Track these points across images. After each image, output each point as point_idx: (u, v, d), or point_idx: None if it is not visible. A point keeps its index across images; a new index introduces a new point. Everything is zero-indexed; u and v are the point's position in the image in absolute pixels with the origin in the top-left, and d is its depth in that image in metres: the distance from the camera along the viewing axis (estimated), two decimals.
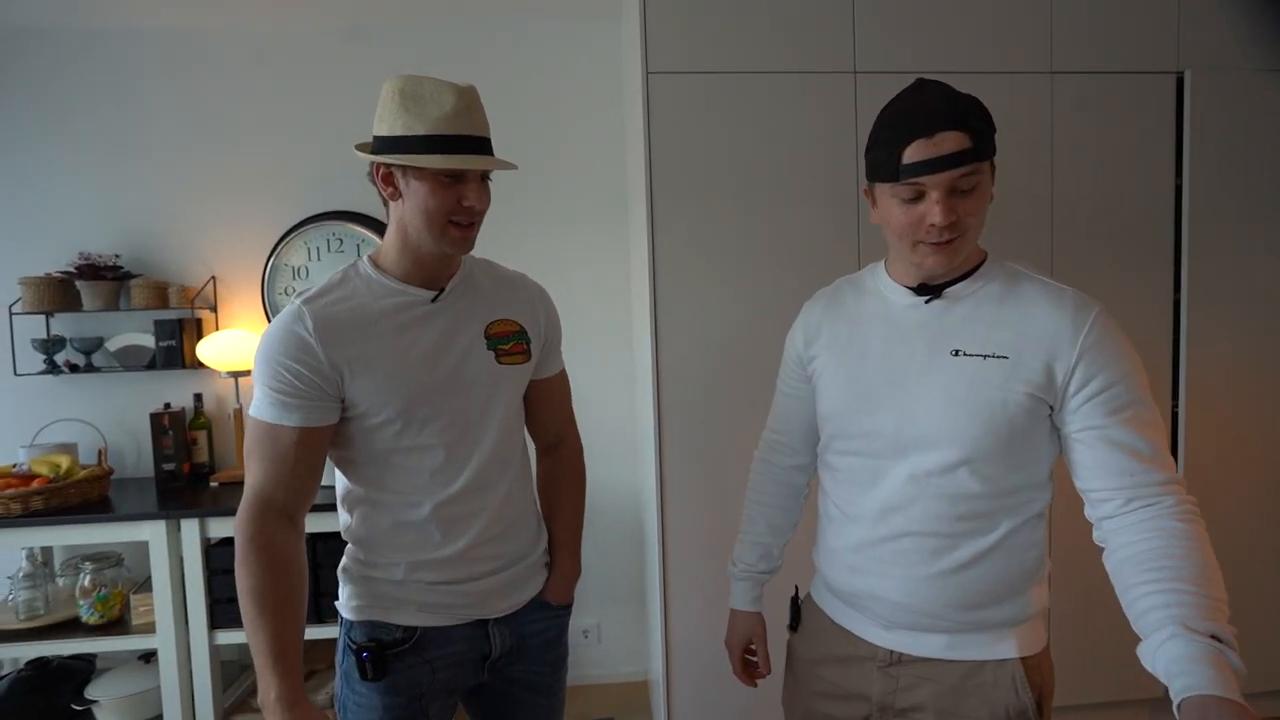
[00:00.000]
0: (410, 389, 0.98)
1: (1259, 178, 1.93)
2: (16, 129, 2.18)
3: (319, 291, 1.00)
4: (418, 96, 0.94)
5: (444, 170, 0.94)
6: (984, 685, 0.90)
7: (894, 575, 0.92)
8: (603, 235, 2.35)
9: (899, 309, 0.95)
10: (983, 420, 0.87)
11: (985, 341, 0.88)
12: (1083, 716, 1.97)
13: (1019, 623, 0.91)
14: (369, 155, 0.97)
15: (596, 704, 2.30)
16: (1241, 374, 1.95)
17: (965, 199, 0.85)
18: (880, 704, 0.96)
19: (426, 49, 2.24)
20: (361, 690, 1.01)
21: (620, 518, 2.39)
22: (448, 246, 0.99)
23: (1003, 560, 0.90)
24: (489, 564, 1.05)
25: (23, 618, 1.93)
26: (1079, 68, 1.85)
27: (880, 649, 0.96)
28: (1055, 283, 0.91)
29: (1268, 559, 2.00)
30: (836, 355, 1.00)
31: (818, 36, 1.80)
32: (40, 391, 2.22)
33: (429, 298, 1.02)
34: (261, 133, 2.25)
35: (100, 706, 1.95)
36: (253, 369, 0.98)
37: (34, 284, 2.09)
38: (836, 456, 1.01)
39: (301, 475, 0.97)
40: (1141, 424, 0.84)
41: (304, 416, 0.94)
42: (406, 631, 1.01)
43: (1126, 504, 0.82)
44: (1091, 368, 0.84)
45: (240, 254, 2.27)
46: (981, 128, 0.84)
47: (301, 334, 0.94)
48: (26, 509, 1.84)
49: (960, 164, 0.82)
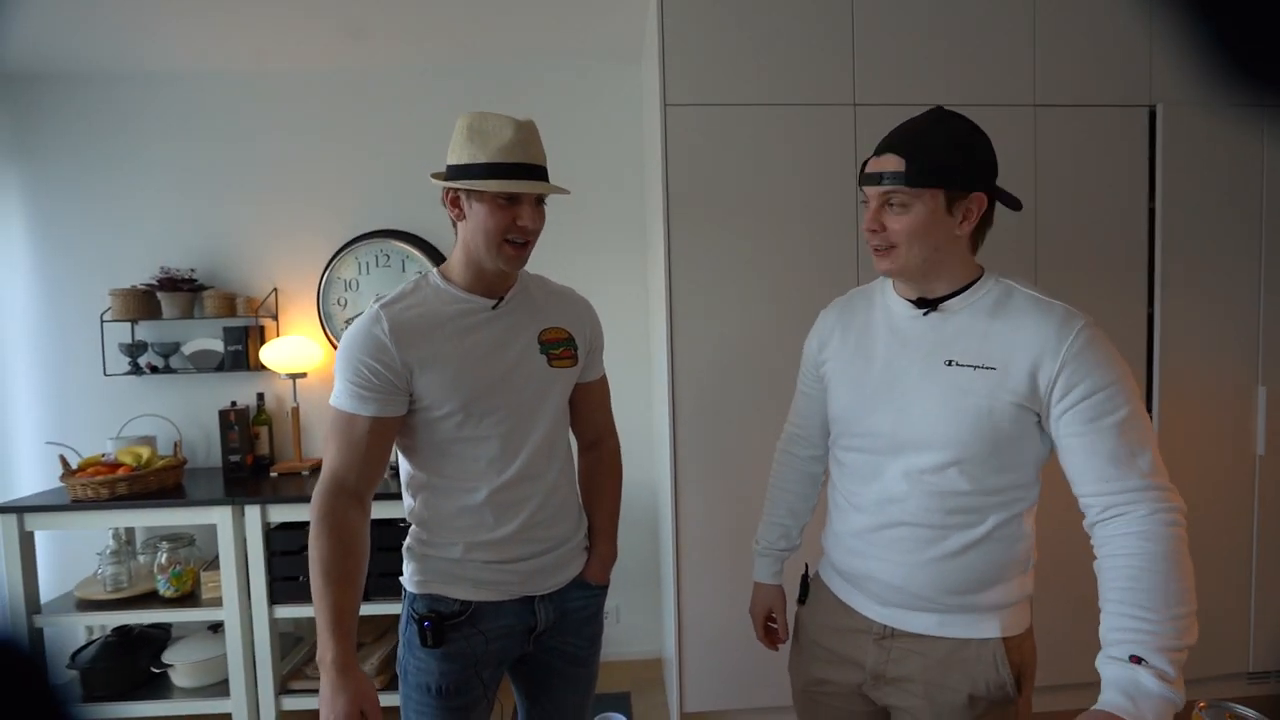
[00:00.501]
0: (471, 385, 1.05)
1: (1224, 203, 1.99)
2: (108, 159, 2.37)
3: (395, 298, 1.08)
4: (483, 130, 1.02)
5: (500, 194, 1.01)
6: (967, 660, 0.94)
7: (889, 560, 0.97)
8: (623, 258, 2.47)
9: (901, 320, 1.00)
10: (970, 426, 0.90)
11: (977, 353, 0.92)
12: None
13: (1003, 607, 0.95)
14: (440, 181, 1.06)
15: (615, 679, 2.40)
16: (1209, 382, 2.03)
17: (896, 216, 0.90)
18: (874, 672, 1.01)
19: (467, 87, 2.39)
20: (422, 656, 1.07)
21: (638, 510, 2.49)
22: (503, 263, 1.05)
23: (989, 551, 0.93)
24: (537, 545, 1.11)
25: (109, 590, 2.07)
26: (1060, 101, 1.93)
27: (876, 623, 1.01)
28: (1046, 297, 0.92)
29: (1234, 555, 2.07)
30: (845, 360, 1.06)
31: (821, 72, 1.89)
32: (125, 390, 2.39)
33: (489, 305, 1.09)
34: (317, 161, 2.40)
35: (175, 670, 2.08)
36: (335, 364, 1.06)
37: (121, 295, 2.25)
38: (842, 452, 1.06)
39: (372, 460, 1.04)
40: (1123, 430, 0.83)
41: (378, 408, 1.02)
42: (463, 605, 1.07)
43: (1103, 512, 0.84)
44: (1074, 377, 0.86)
45: (298, 268, 2.42)
46: (925, 160, 0.88)
47: (379, 335, 1.02)
48: (113, 494, 1.98)
49: (883, 183, 0.90)
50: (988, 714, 0.94)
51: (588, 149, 2.46)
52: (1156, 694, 0.71)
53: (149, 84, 2.37)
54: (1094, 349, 0.87)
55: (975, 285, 0.96)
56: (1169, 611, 0.76)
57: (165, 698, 2.08)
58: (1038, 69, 1.94)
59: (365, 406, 1.02)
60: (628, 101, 2.46)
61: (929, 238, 0.91)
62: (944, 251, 0.93)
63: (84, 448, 2.26)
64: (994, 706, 0.94)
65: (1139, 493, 0.82)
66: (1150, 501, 0.82)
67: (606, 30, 2.20)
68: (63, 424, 2.40)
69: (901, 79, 1.92)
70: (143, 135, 2.38)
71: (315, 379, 2.42)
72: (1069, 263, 1.98)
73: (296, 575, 2.04)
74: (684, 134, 1.89)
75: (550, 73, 2.43)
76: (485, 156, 1.01)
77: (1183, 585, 0.77)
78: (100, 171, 2.38)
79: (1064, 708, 1.95)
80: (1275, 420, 2.04)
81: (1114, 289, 2.00)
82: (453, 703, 1.08)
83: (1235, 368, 2.04)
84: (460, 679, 1.07)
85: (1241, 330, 2.04)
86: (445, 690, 1.07)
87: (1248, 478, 2.06)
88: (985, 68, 1.93)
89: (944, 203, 0.90)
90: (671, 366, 1.93)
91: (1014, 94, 1.94)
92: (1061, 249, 1.98)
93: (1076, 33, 1.94)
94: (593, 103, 2.45)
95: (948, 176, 0.89)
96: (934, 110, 0.95)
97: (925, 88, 1.91)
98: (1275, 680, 2.14)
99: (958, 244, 0.94)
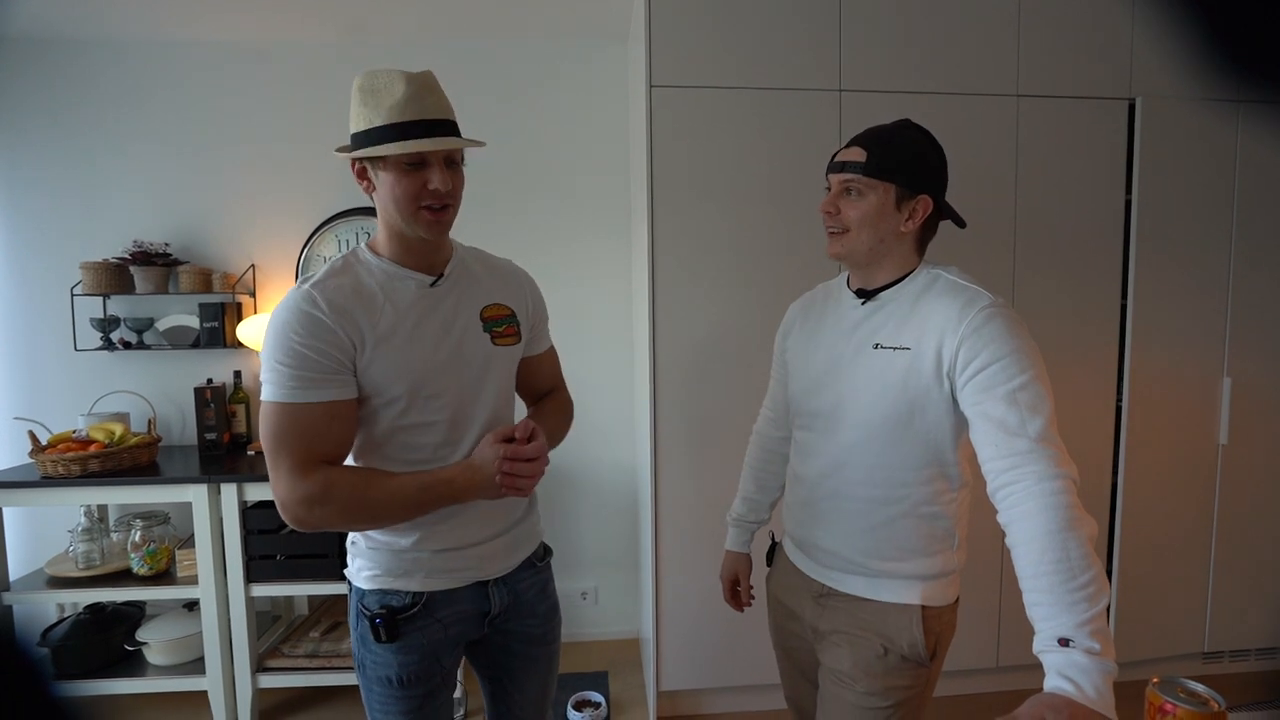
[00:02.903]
0: (419, 367, 0.99)
1: (1200, 196, 2.03)
2: (79, 127, 2.30)
3: (324, 276, 0.98)
4: (374, 89, 0.92)
5: (403, 157, 0.92)
6: (888, 621, 1.03)
7: (825, 528, 1.08)
8: (606, 241, 2.46)
9: (845, 309, 1.10)
10: (889, 404, 0.98)
11: (896, 336, 1.00)
12: None
13: (925, 578, 1.02)
14: (343, 153, 0.96)
15: (593, 658, 2.44)
16: (1177, 372, 2.08)
17: (852, 203, 1.01)
18: (811, 626, 1.12)
19: (450, 62, 2.34)
20: (377, 650, 1.03)
21: (617, 492, 2.52)
22: (422, 231, 0.97)
23: (911, 525, 1.01)
24: (489, 529, 1.08)
25: (81, 567, 2.03)
26: (1042, 92, 1.95)
27: (816, 583, 1.11)
28: (971, 285, 0.98)
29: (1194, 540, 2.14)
30: (800, 347, 1.16)
31: (807, 57, 1.89)
32: (97, 366, 2.34)
33: (428, 282, 1.02)
34: (297, 135, 2.36)
35: (149, 648, 2.07)
36: (265, 355, 0.93)
37: (93, 268, 2.20)
38: (795, 430, 1.17)
39: (337, 445, 0.96)
40: (1015, 398, 0.87)
41: (336, 391, 0.93)
42: (415, 597, 1.03)
43: (996, 478, 0.87)
44: (971, 351, 0.91)
45: (277, 245, 2.39)
46: (884, 155, 0.98)
47: (318, 315, 0.92)
48: (85, 470, 1.95)
49: (845, 170, 1.00)
50: (900, 667, 1.03)
51: (572, 128, 2.44)
52: (1090, 668, 0.75)
53: (123, 51, 2.31)
54: (993, 324, 0.91)
55: (909, 276, 1.04)
56: (1075, 583, 0.78)
57: (140, 675, 2.07)
58: (1021, 59, 1.96)
59: (318, 393, 0.92)
60: (614, 80, 2.44)
61: (877, 228, 1.01)
62: (888, 244, 1.03)
63: (54, 424, 2.23)
64: (906, 662, 1.03)
65: (1025, 456, 0.85)
66: (1037, 464, 0.84)
67: (593, 6, 2.17)
68: (31, 400, 2.35)
69: (887, 66, 1.92)
70: (116, 104, 2.32)
71: None
72: (1046, 252, 2.01)
73: (274, 554, 2.04)
74: (669, 116, 1.88)
75: (535, 49, 2.40)
76: (381, 118, 0.92)
77: (1082, 550, 0.80)
78: (71, 140, 2.31)
79: (1035, 686, 2.01)
80: (1238, 411, 2.10)
81: (1089, 280, 2.04)
82: (416, 691, 1.06)
83: (1202, 359, 2.09)
84: (420, 668, 1.04)
85: (1209, 322, 2.09)
86: (406, 680, 1.04)
87: (1210, 466, 2.13)
88: (969, 57, 1.94)
89: (894, 198, 1.00)
90: (653, 349, 1.94)
91: (997, 84, 1.96)
92: (1039, 238, 2.01)
93: (1060, 24, 1.96)
94: (578, 81, 2.43)
95: (900, 175, 0.99)
96: (903, 120, 1.05)
97: (910, 75, 1.93)
98: (1228, 659, 2.23)
99: (902, 240, 1.03)
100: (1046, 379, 0.91)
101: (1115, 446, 2.08)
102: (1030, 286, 2.02)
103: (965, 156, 1.89)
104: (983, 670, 2.12)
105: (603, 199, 2.46)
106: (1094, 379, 2.07)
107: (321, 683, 2.08)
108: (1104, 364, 2.07)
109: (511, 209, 2.44)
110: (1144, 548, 2.11)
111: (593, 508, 2.53)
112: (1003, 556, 2.00)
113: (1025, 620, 0.82)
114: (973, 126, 1.96)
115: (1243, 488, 2.14)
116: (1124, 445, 2.06)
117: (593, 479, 2.52)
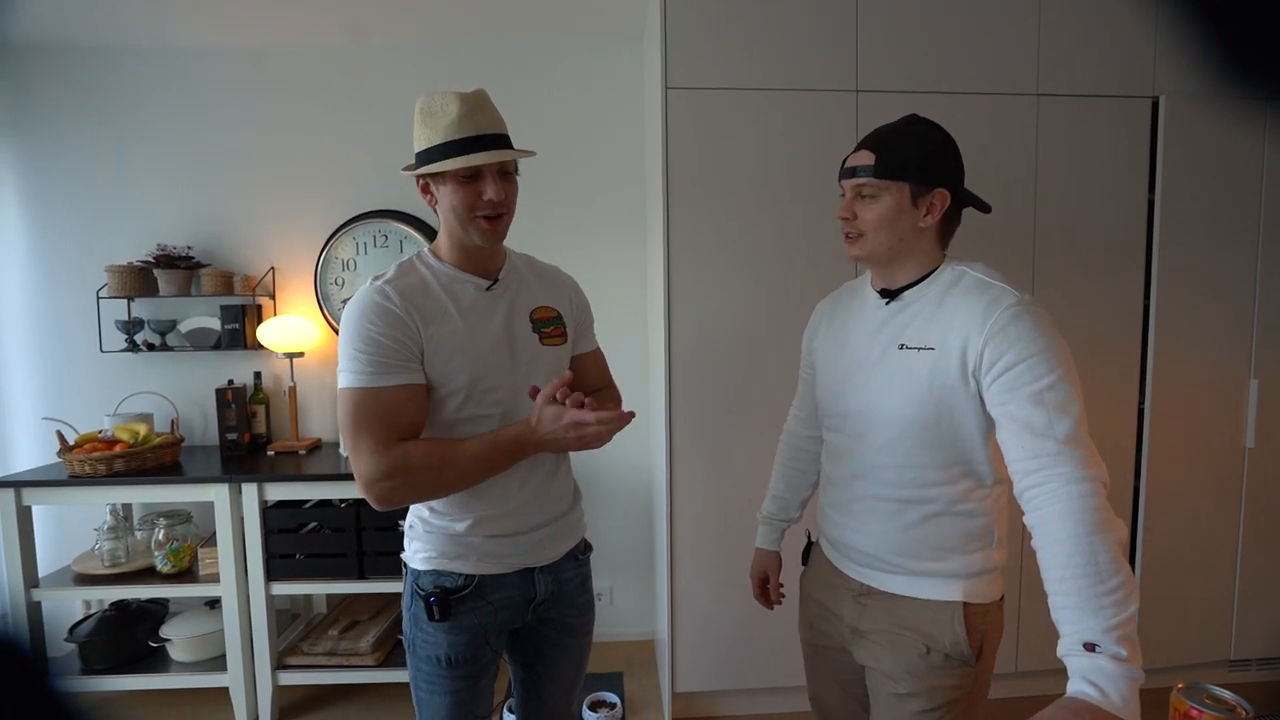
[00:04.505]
0: (476, 363, 1.06)
1: (1224, 196, 2.00)
2: (105, 134, 2.35)
3: (394, 275, 1.07)
4: (431, 110, 1.01)
5: (459, 171, 1.00)
6: (929, 619, 1.01)
7: (860, 529, 1.07)
8: (622, 242, 2.47)
9: (870, 309, 1.09)
10: (916, 405, 0.98)
11: (922, 336, 0.99)
12: None
13: (965, 575, 1.01)
14: (409, 172, 1.06)
15: (608, 659, 2.44)
16: (1202, 374, 2.04)
17: (866, 206, 1.01)
18: (850, 625, 1.10)
19: (467, 66, 2.37)
20: (429, 630, 1.09)
21: (632, 493, 2.53)
22: (478, 239, 1.06)
23: (945, 523, 1.00)
24: (537, 518, 1.15)
25: (107, 564, 2.08)
26: (1063, 91, 1.93)
27: (855, 582, 1.10)
28: (997, 282, 0.96)
29: (1220, 546, 2.10)
30: (827, 348, 1.16)
31: (824, 58, 1.88)
32: (122, 367, 2.39)
33: (485, 285, 1.11)
34: (316, 140, 2.39)
35: (173, 644, 2.11)
36: (343, 346, 1.01)
37: (118, 272, 2.25)
38: (825, 432, 1.17)
39: (412, 427, 1.02)
40: (1042, 399, 0.86)
41: (409, 376, 1.01)
42: (467, 579, 1.10)
43: (1024, 479, 0.86)
44: (997, 350, 0.90)
45: (296, 247, 2.42)
46: (892, 155, 0.97)
47: (391, 308, 1.01)
48: (110, 470, 1.99)
49: (856, 175, 1.00)
50: (944, 667, 1.00)
51: (589, 129, 2.44)
52: (1117, 675, 0.73)
53: (147, 59, 2.35)
54: (1019, 323, 0.90)
55: (933, 274, 1.03)
56: (1103, 587, 0.77)
57: (163, 671, 2.10)
58: (1041, 58, 1.93)
59: (394, 377, 1.00)
60: (629, 81, 2.45)
61: (894, 227, 1.00)
62: (908, 242, 1.01)
63: (80, 424, 2.28)
64: (950, 662, 1.00)
65: (1053, 457, 0.83)
66: (1065, 466, 0.83)
67: (608, 8, 2.18)
68: (59, 400, 2.40)
69: (904, 66, 1.91)
70: (141, 110, 2.36)
71: (312, 359, 2.43)
72: (1067, 252, 1.99)
73: (293, 553, 2.06)
74: (685, 118, 1.88)
75: (550, 50, 2.41)
76: (439, 137, 1.01)
77: (1110, 554, 0.78)
78: (97, 146, 2.36)
79: (1057, 691, 1.98)
80: (1265, 414, 2.06)
81: (1111, 280, 2.01)
82: (463, 671, 1.10)
83: (1228, 360, 2.06)
84: (469, 649, 1.10)
85: (1236, 323, 2.05)
86: (455, 660, 1.10)
87: (1236, 470, 2.09)
88: (988, 56, 1.92)
89: (909, 195, 0.99)
90: (669, 350, 1.94)
91: (1017, 83, 1.93)
92: (1060, 239, 1.98)
93: (1080, 22, 1.93)
94: (594, 82, 2.43)
95: (912, 172, 0.98)
96: (909, 116, 1.04)
97: (927, 75, 1.91)
98: (1255, 668, 2.18)
99: (922, 236, 1.02)
100: (1076, 378, 0.89)
101: (1138, 449, 2.05)
102: (1051, 287, 1.99)
103: (985, 157, 1.89)
104: (1001, 675, 2.10)
105: (618, 200, 2.47)
106: (1116, 381, 2.04)
107: (340, 680, 2.11)
108: (1126, 366, 2.04)
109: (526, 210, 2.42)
110: (1167, 552, 2.07)
111: (608, 508, 2.53)
112: (1022, 559, 1.98)
113: (1046, 624, 0.81)
114: (992, 126, 1.94)
115: (1270, 492, 2.10)
116: (1147, 448, 2.03)
117: (608, 479, 2.53)
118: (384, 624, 2.23)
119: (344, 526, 2.06)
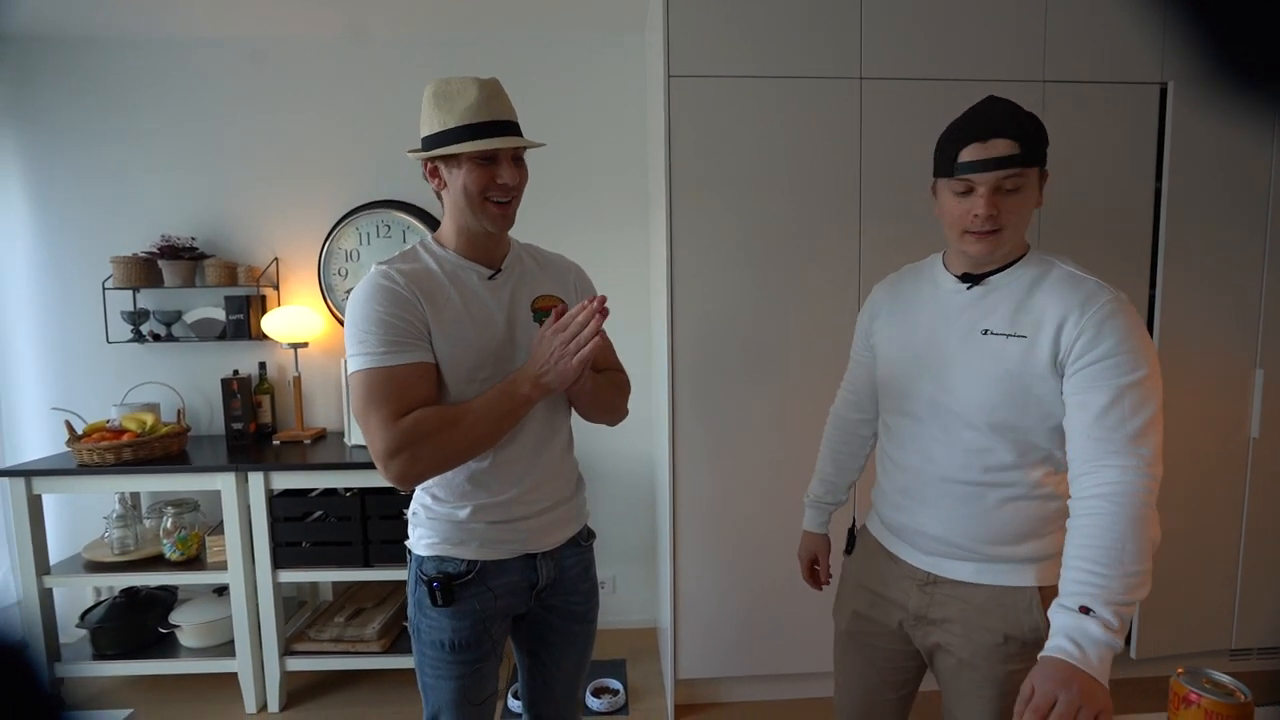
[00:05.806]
0: (479, 350, 1.07)
1: (1232, 184, 1.98)
2: (109, 125, 2.35)
3: (398, 259, 1.08)
4: (447, 94, 1.02)
5: (477, 153, 1.02)
6: (1004, 606, 1.00)
7: (931, 514, 1.05)
8: (625, 229, 2.46)
9: (947, 293, 1.06)
10: (1002, 391, 0.96)
11: (1010, 323, 0.97)
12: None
13: (1040, 559, 1.00)
14: (417, 154, 1.06)
15: (611, 647, 2.46)
16: (1207, 363, 2.03)
17: (1009, 198, 0.94)
18: (916, 614, 1.08)
19: (469, 56, 2.36)
20: (433, 615, 1.11)
21: (635, 483, 2.54)
22: (488, 223, 1.07)
23: (1024, 508, 0.99)
24: (538, 505, 1.15)
25: (116, 552, 2.10)
26: (1070, 77, 1.90)
27: (920, 570, 1.08)
28: (1091, 276, 0.96)
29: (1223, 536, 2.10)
30: (893, 331, 1.13)
31: (827, 45, 1.86)
32: (128, 358, 2.40)
33: (488, 274, 1.12)
34: (318, 131, 2.39)
35: (182, 631, 2.15)
36: (350, 329, 1.02)
37: (123, 263, 2.25)
38: (889, 415, 1.14)
39: (424, 401, 1.02)
40: (1122, 394, 0.86)
41: (419, 355, 1.02)
42: (469, 565, 1.10)
43: (1082, 465, 0.88)
44: (1091, 342, 0.90)
45: (300, 238, 2.42)
46: (1031, 139, 0.93)
47: (398, 290, 1.02)
48: (119, 459, 2.01)
49: (1006, 166, 0.92)
50: (1021, 653, 0.99)
51: (590, 119, 2.43)
52: (1100, 640, 0.76)
53: (150, 50, 2.34)
54: (1116, 319, 0.90)
55: (1020, 261, 1.01)
56: (1122, 569, 0.79)
57: (173, 657, 2.14)
58: (1048, 45, 1.91)
59: (404, 355, 1.01)
60: (632, 70, 2.43)
61: (1028, 216, 0.98)
62: (1024, 228, 1.00)
63: (88, 414, 2.30)
64: (1027, 648, 0.98)
65: (1118, 452, 0.85)
66: (1128, 459, 0.84)
67: None
68: (67, 390, 2.42)
69: (909, 53, 1.89)
70: (143, 102, 2.36)
71: (316, 349, 2.43)
72: (1072, 240, 1.97)
73: (299, 541, 2.08)
74: (688, 106, 1.87)
75: (552, 41, 2.40)
76: (455, 120, 1.01)
77: (1140, 546, 0.80)
78: (101, 137, 2.36)
79: None
80: (1271, 403, 2.05)
81: (1117, 267, 1.99)
82: (466, 656, 1.12)
83: (1233, 350, 2.04)
84: (472, 634, 1.11)
85: (1241, 313, 2.03)
86: (458, 645, 1.11)
87: (1240, 459, 2.08)
88: (994, 42, 1.90)
89: (1038, 180, 0.97)
90: (671, 339, 1.94)
91: (1023, 70, 1.91)
92: (1066, 225, 1.96)
93: (1088, 8, 1.90)
94: (596, 71, 2.42)
95: (1044, 155, 0.96)
96: (997, 98, 0.98)
97: (932, 62, 1.89)
98: (1256, 656, 2.19)
99: (1030, 221, 1.01)
100: (1159, 382, 0.89)
101: None
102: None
103: None
104: None
105: (620, 190, 2.46)
106: None
107: (346, 666, 2.13)
108: None
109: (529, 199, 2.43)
110: (1171, 542, 2.05)
111: (611, 497, 2.55)
112: None
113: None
114: None
115: (1274, 482, 2.09)
116: None
117: (611, 468, 2.54)
118: (389, 611, 2.25)
119: (349, 515, 2.08)
